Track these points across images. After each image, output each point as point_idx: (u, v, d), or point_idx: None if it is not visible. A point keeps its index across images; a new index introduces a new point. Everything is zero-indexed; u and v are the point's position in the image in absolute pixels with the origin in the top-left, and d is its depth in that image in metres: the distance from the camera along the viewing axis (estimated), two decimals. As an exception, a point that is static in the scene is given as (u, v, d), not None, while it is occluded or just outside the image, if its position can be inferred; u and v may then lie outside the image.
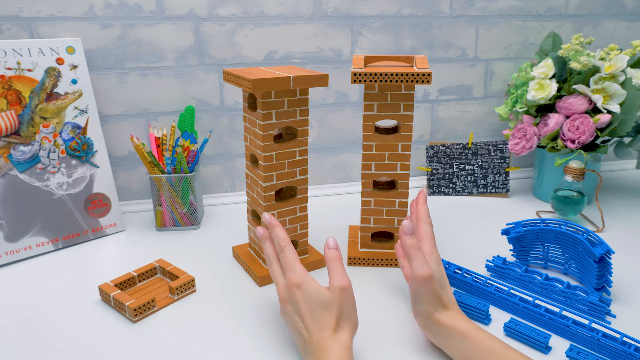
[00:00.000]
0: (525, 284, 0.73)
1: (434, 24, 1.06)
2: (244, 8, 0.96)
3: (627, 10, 1.15)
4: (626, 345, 0.59)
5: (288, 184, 0.75)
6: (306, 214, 0.79)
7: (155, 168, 0.90)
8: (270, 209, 0.75)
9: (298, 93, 0.71)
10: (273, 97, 0.69)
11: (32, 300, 0.72)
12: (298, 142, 0.74)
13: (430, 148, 1.09)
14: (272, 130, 0.71)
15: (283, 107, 0.71)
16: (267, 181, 0.73)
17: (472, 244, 0.87)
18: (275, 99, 0.69)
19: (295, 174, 0.76)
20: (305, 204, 0.78)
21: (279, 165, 0.73)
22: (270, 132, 0.71)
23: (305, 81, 0.69)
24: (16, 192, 0.83)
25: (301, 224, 0.79)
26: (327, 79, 0.71)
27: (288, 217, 0.77)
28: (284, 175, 0.74)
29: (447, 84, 1.11)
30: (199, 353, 0.61)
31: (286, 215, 0.77)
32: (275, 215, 0.76)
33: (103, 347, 0.62)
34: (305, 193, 0.78)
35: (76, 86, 0.86)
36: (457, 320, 0.58)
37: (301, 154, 0.75)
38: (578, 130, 0.92)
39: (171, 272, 0.76)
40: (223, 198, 1.06)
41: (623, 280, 0.75)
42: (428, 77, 0.69)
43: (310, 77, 0.69)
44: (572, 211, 0.93)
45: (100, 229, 0.91)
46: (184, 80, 0.98)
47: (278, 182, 0.74)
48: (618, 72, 0.92)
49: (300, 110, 0.73)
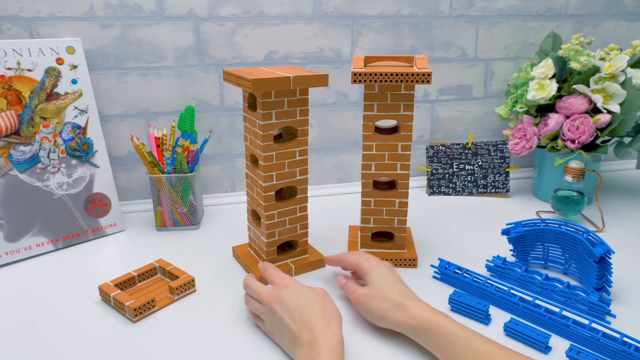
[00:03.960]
0: (525, 284, 0.73)
1: (434, 24, 1.06)
2: (244, 8, 0.96)
3: (627, 10, 1.15)
4: (626, 345, 0.59)
5: (288, 184, 0.75)
6: (306, 214, 0.79)
7: (155, 168, 0.90)
8: (270, 209, 0.75)
9: (298, 93, 0.71)
10: (273, 97, 0.69)
11: (32, 300, 0.72)
12: (298, 142, 0.74)
13: (430, 148, 1.09)
14: (272, 130, 0.71)
15: (283, 107, 0.71)
16: (267, 181, 0.73)
17: (472, 244, 0.87)
18: (275, 99, 0.69)
19: (295, 174, 0.76)
20: (305, 204, 0.78)
21: (279, 165, 0.73)
22: (270, 132, 0.71)
23: (305, 81, 0.69)
24: (16, 192, 0.83)
25: (301, 224, 0.79)
26: (327, 79, 0.71)
27: (288, 217, 0.77)
28: (284, 175, 0.74)
29: (447, 84, 1.11)
30: (198, 353, 0.61)
31: (286, 215, 0.77)
32: (275, 216, 0.76)
33: (103, 347, 0.62)
34: (306, 193, 0.78)
35: (76, 86, 0.86)
36: (417, 314, 0.59)
37: (301, 154, 0.75)
38: (578, 130, 0.92)
39: (171, 272, 0.76)
40: (223, 198, 1.06)
41: (623, 280, 0.75)
42: (428, 77, 0.69)
43: (310, 77, 0.69)
44: (572, 211, 0.93)
45: (100, 229, 0.91)
46: (184, 80, 0.98)
47: (278, 182, 0.74)
48: (618, 72, 0.92)
49: (300, 110, 0.73)
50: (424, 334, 0.58)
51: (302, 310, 0.58)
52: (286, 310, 0.59)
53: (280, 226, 0.77)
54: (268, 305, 0.61)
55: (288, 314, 0.59)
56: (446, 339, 0.56)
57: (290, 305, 0.59)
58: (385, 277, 0.65)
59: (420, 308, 0.60)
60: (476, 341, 0.55)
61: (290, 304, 0.59)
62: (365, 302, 0.64)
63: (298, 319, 0.58)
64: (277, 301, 0.60)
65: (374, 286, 0.64)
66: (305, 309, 0.58)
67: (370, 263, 0.68)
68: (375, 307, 0.63)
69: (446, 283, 0.76)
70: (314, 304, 0.59)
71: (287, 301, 0.60)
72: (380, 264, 0.68)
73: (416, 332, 0.59)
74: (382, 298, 0.63)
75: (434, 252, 0.84)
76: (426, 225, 0.95)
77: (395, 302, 0.61)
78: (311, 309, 0.58)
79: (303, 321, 0.57)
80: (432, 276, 0.78)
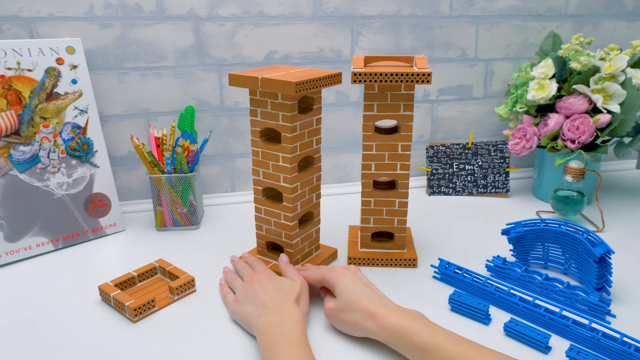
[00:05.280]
0: (525, 284, 0.73)
1: (434, 24, 1.06)
2: (244, 8, 0.96)
3: (627, 10, 1.15)
4: (626, 345, 0.59)
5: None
6: (319, 226, 0.79)
7: (155, 168, 0.90)
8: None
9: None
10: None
11: (32, 300, 0.72)
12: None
13: (430, 148, 1.09)
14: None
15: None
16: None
17: (472, 244, 0.87)
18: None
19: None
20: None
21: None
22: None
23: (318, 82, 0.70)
24: (16, 192, 0.83)
25: (315, 229, 0.80)
26: (340, 77, 0.73)
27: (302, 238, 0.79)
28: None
29: (447, 84, 1.11)
30: (199, 353, 0.61)
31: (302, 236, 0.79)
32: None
33: (103, 347, 0.62)
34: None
35: (76, 86, 0.86)
36: (387, 322, 0.59)
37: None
38: (578, 130, 0.92)
39: (171, 272, 0.76)
40: (223, 198, 1.06)
41: (623, 280, 0.75)
42: (428, 77, 0.69)
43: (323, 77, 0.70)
44: (572, 211, 0.93)
45: (100, 229, 0.91)
46: (184, 80, 0.98)
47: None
48: (618, 72, 0.92)
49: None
50: (394, 342, 0.58)
51: (276, 289, 0.65)
52: (263, 289, 0.66)
53: (301, 197, 0.77)
54: (249, 282, 0.68)
55: (264, 291, 0.65)
56: (415, 346, 0.56)
57: (268, 285, 0.66)
58: (352, 285, 0.64)
59: (390, 315, 0.59)
60: (445, 346, 0.54)
61: (268, 285, 0.66)
62: (335, 315, 0.64)
63: (272, 294, 0.64)
64: (257, 280, 0.68)
65: (341, 298, 0.63)
66: (280, 292, 0.65)
67: (334, 274, 0.66)
68: (346, 319, 0.62)
69: (446, 283, 0.76)
70: (291, 290, 0.66)
71: (265, 282, 0.67)
72: (344, 272, 0.66)
73: (388, 341, 0.59)
74: (351, 309, 0.62)
75: (434, 252, 0.84)
76: (426, 225, 0.95)
77: (364, 311, 0.60)
78: (285, 293, 0.65)
79: (275, 297, 0.64)
80: (432, 276, 0.78)
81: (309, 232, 0.79)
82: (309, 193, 0.77)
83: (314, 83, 0.67)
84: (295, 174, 0.73)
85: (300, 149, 0.72)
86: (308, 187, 0.76)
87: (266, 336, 0.58)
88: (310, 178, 0.76)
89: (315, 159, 0.77)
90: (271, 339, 0.57)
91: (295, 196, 0.74)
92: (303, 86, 0.66)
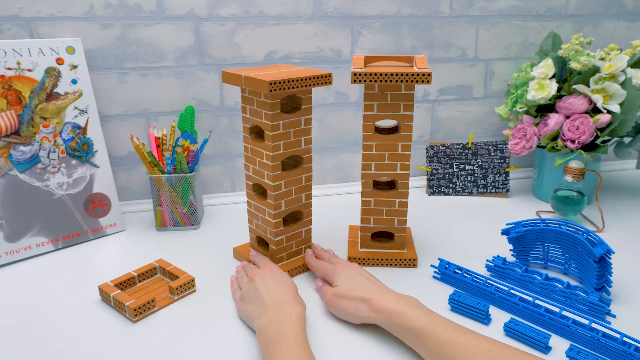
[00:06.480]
0: (525, 284, 0.73)
1: (434, 24, 1.06)
2: (244, 8, 0.96)
3: (627, 10, 1.15)
4: (626, 345, 0.59)
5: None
6: (310, 227, 0.79)
7: (155, 168, 0.90)
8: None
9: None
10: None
11: (32, 300, 0.72)
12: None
13: (430, 148, 1.09)
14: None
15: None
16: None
17: (472, 244, 0.87)
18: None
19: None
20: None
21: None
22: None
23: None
24: (16, 192, 0.83)
25: (305, 229, 0.80)
26: (331, 80, 0.71)
27: (295, 237, 0.78)
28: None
29: (447, 84, 1.11)
30: (199, 353, 0.61)
31: (292, 237, 0.78)
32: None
33: (103, 347, 0.62)
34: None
35: (76, 86, 0.86)
36: (382, 306, 0.61)
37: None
38: (578, 130, 0.92)
39: (171, 272, 0.76)
40: (223, 198, 1.06)
41: (623, 280, 0.75)
42: (428, 77, 0.69)
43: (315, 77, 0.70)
44: (572, 211, 0.93)
45: (100, 229, 0.91)
46: (184, 80, 0.98)
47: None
48: (618, 72, 0.92)
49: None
50: (391, 325, 0.60)
51: (277, 285, 0.66)
52: (264, 283, 0.67)
53: (286, 196, 0.78)
54: (251, 277, 0.69)
55: (264, 285, 0.66)
56: (410, 329, 0.58)
57: (269, 280, 0.67)
58: (351, 276, 0.68)
59: (386, 300, 0.61)
60: (438, 329, 0.56)
61: (269, 280, 0.67)
62: (334, 301, 0.66)
63: (272, 289, 0.65)
64: (259, 275, 0.69)
65: (340, 286, 0.67)
66: (280, 286, 0.66)
67: (335, 267, 0.71)
68: (344, 305, 0.65)
69: (446, 283, 0.76)
70: (291, 284, 0.67)
71: (266, 277, 0.68)
72: (345, 266, 0.70)
73: (384, 325, 0.61)
74: (349, 296, 0.65)
75: (434, 252, 0.84)
76: (426, 225, 0.95)
77: (361, 297, 0.63)
78: (285, 287, 0.66)
79: (276, 292, 0.65)
80: (432, 276, 0.78)
81: (297, 232, 0.79)
82: (297, 193, 0.77)
83: (291, 83, 0.67)
84: (277, 172, 0.73)
85: (284, 147, 0.72)
86: (295, 187, 0.76)
87: (266, 335, 0.58)
88: (298, 178, 0.76)
89: (305, 159, 0.76)
90: (270, 338, 0.57)
91: (278, 194, 0.74)
92: (278, 86, 0.66)
